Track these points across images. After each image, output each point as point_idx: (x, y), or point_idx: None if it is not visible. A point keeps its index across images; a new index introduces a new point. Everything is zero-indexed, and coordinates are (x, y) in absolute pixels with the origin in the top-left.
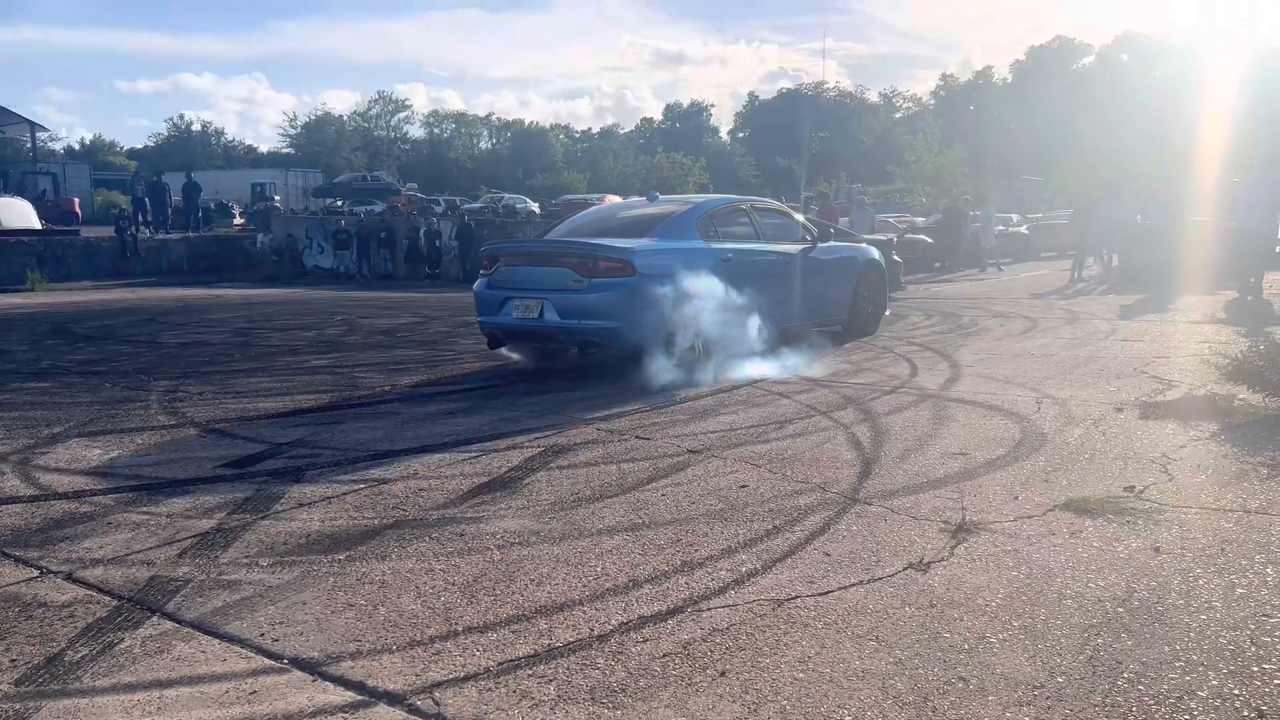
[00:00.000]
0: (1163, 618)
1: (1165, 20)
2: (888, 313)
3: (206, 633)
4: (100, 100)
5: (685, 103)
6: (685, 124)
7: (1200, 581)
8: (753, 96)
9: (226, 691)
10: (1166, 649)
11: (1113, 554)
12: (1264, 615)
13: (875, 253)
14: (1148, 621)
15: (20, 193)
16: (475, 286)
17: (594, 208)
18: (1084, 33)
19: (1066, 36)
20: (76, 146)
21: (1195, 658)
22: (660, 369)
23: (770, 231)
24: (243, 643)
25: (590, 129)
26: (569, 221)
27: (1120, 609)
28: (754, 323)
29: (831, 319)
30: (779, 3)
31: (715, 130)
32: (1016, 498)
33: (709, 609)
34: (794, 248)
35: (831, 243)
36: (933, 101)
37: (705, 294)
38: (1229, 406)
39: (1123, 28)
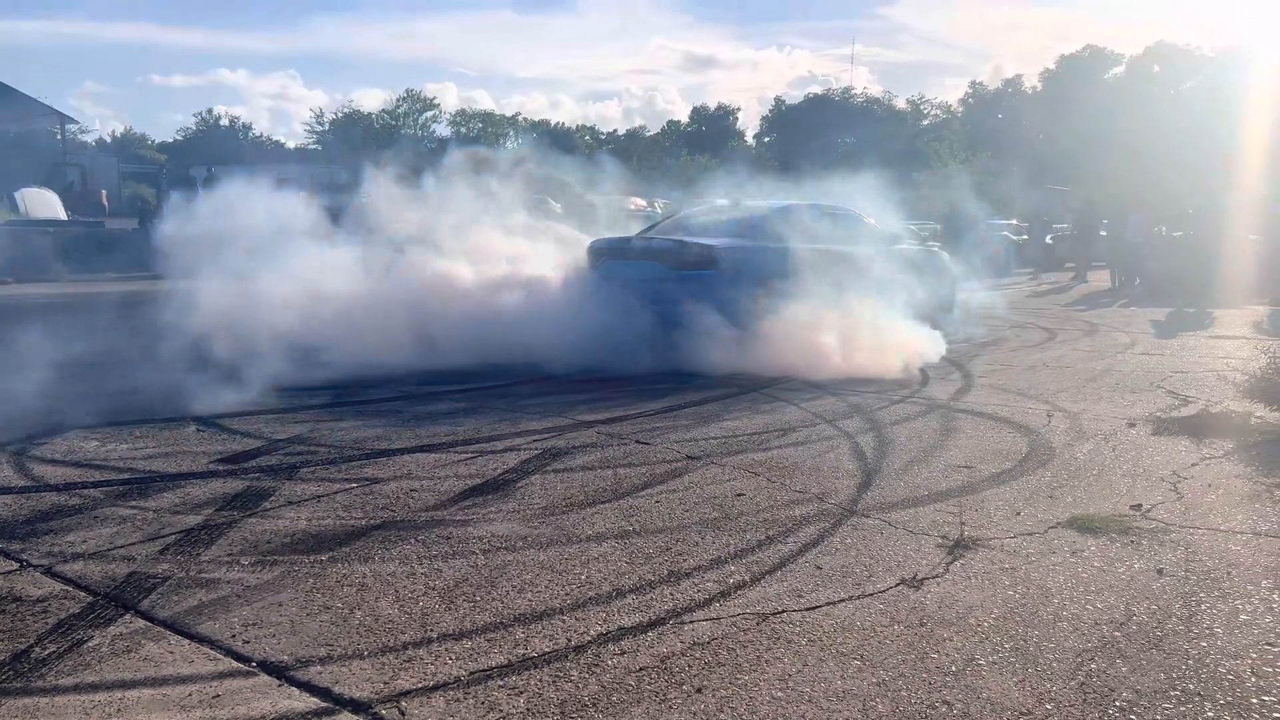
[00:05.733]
0: (1161, 644)
1: (1197, 31)
2: (955, 311)
3: (177, 632)
4: (135, 94)
5: (713, 106)
6: (711, 127)
7: (1203, 606)
8: (779, 101)
9: (189, 694)
10: (1163, 677)
11: (1114, 575)
12: (1267, 644)
13: (945, 255)
14: (1145, 647)
15: (49, 184)
16: (589, 278)
17: (686, 210)
18: (1115, 42)
19: (1097, 46)
20: (108, 139)
21: (1192, 687)
22: None
23: (844, 233)
24: (213, 644)
25: (616, 130)
26: (666, 222)
27: (1117, 633)
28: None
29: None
30: (810, 8)
31: (741, 134)
32: (1019, 513)
33: (691, 622)
34: (866, 248)
35: (904, 245)
36: (961, 109)
37: (779, 287)
38: (1245, 424)
39: (1155, 38)
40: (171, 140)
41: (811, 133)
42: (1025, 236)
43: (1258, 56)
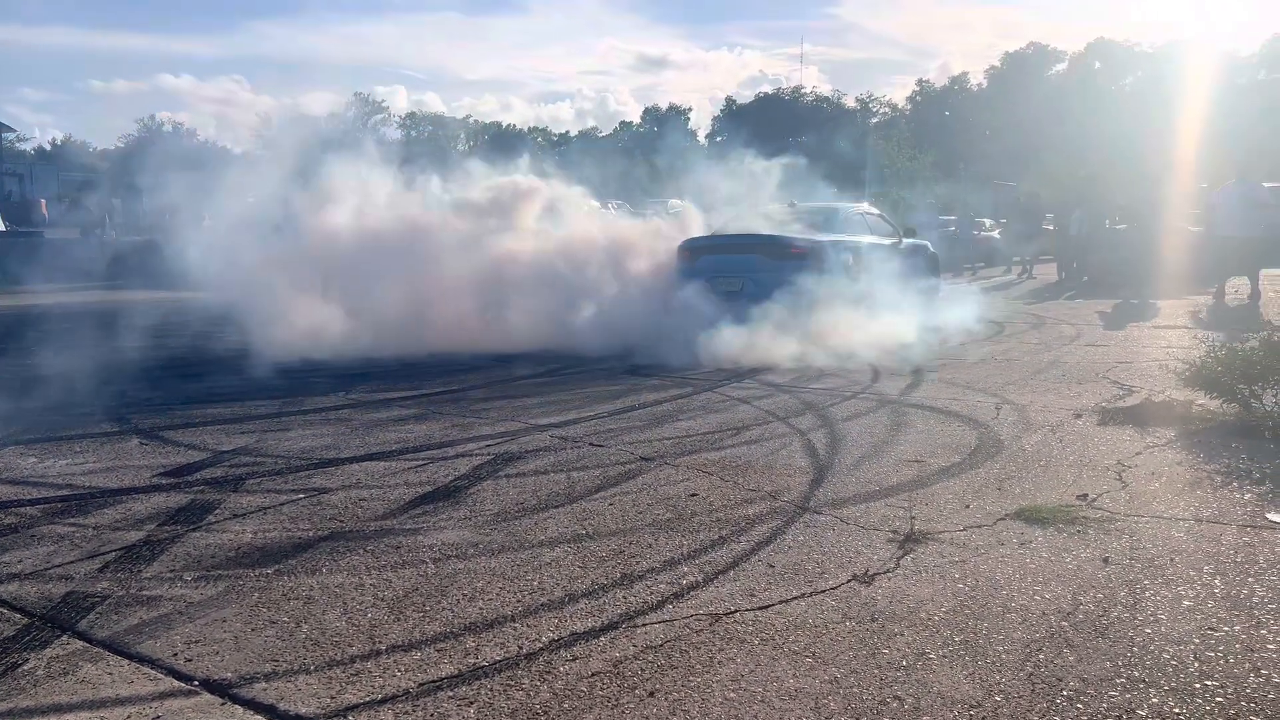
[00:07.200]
0: (1106, 632)
1: (1136, 29)
2: (941, 292)
3: (116, 652)
4: (76, 101)
5: (664, 106)
6: (663, 127)
7: (1147, 594)
8: (730, 101)
9: (128, 716)
10: (1108, 665)
11: (1061, 565)
12: (1209, 629)
13: (930, 246)
14: (1091, 636)
15: None
16: (681, 272)
17: (756, 211)
18: (1057, 39)
19: (1040, 43)
20: (47, 146)
21: (1137, 674)
22: None
23: (877, 229)
24: (153, 663)
25: (568, 132)
26: (739, 222)
27: (1064, 623)
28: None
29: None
30: (760, 8)
31: (693, 134)
32: (968, 506)
33: (644, 625)
34: (890, 240)
35: (911, 239)
36: (909, 107)
37: (853, 272)
38: (1187, 413)
39: (1095, 35)
40: (112, 147)
41: (762, 133)
42: (956, 231)
43: (1193, 52)
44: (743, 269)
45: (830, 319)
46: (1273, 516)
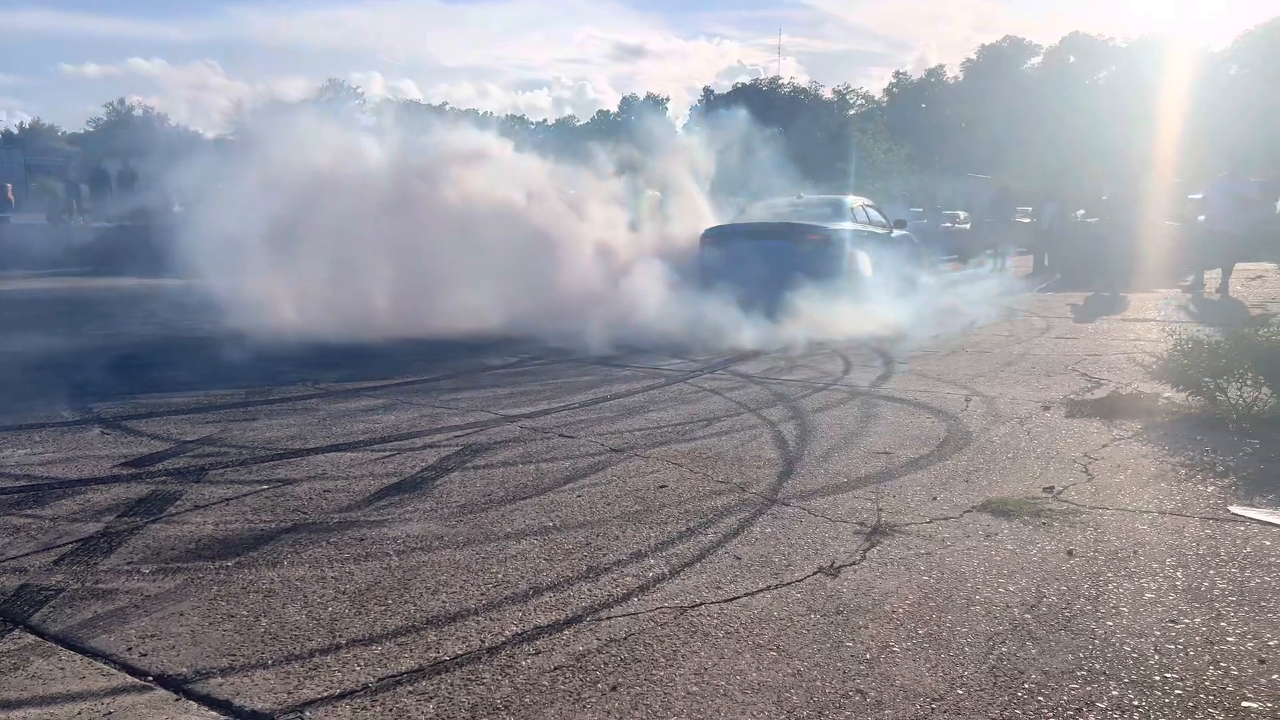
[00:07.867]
0: (1069, 624)
1: (1111, 23)
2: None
3: (69, 647)
4: (46, 84)
5: (642, 96)
6: (641, 118)
7: (1110, 586)
8: (708, 91)
9: (79, 712)
10: (1070, 657)
11: (1026, 557)
12: (1170, 621)
13: (915, 237)
14: (1054, 628)
15: None
16: (704, 259)
17: (765, 202)
18: (1033, 33)
19: (1016, 36)
20: (14, 130)
21: (1098, 667)
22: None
23: (873, 219)
24: (107, 658)
25: (546, 120)
26: (752, 212)
27: (1028, 615)
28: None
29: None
30: None
31: (671, 124)
32: (935, 498)
33: (609, 618)
34: (883, 230)
35: (900, 230)
36: (885, 99)
37: (864, 256)
38: (1153, 405)
39: (1070, 29)
40: (82, 132)
41: (740, 123)
42: (925, 222)
43: (1166, 47)
44: (764, 254)
45: (837, 304)
46: (1235, 509)
